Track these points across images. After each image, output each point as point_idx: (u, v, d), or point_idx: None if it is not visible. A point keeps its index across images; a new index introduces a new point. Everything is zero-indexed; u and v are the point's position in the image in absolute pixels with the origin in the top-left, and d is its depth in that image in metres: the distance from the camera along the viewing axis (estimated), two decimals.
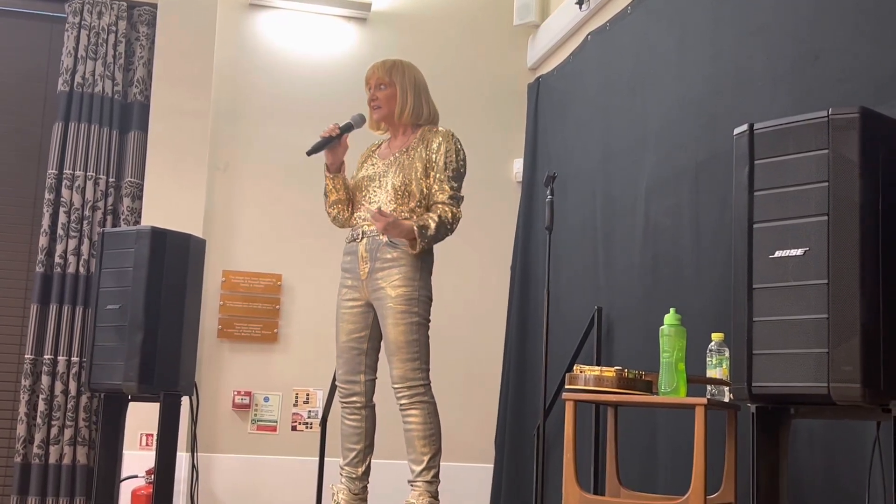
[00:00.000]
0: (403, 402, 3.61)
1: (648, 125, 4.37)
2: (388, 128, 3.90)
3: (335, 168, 3.83)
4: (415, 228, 3.57)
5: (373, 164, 3.84)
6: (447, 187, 3.70)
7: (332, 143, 3.78)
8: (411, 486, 3.60)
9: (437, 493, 3.61)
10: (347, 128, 3.81)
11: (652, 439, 3.99)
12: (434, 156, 3.71)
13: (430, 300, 3.70)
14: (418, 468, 3.59)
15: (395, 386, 3.62)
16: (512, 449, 5.39)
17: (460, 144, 3.78)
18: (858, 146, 2.32)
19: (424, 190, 3.70)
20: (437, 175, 3.71)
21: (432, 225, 3.61)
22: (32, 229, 5.35)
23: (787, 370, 2.36)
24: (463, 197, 3.76)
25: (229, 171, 5.61)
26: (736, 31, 3.77)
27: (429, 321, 3.69)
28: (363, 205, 3.77)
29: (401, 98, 3.79)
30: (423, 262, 3.68)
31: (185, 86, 5.46)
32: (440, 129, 3.82)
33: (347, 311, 3.77)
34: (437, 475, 3.61)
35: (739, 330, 2.47)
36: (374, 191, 3.75)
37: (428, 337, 3.68)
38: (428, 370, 3.65)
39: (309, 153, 3.77)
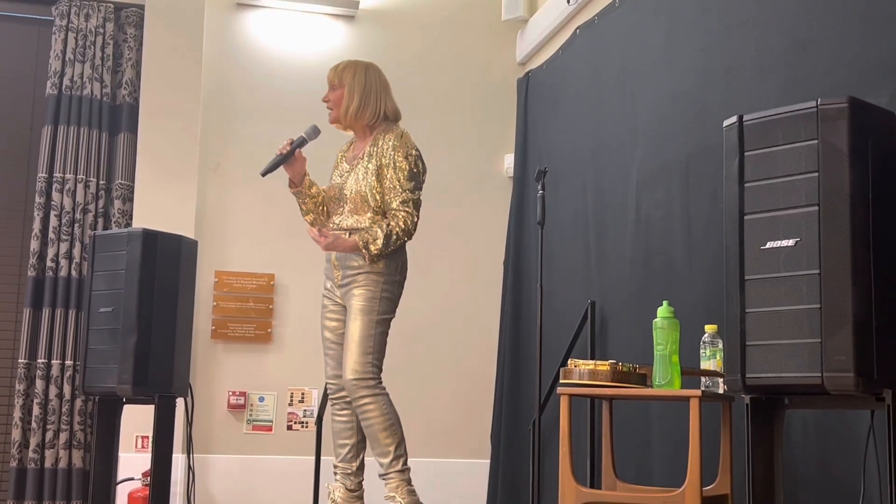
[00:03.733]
0: (357, 395, 3.63)
1: (638, 118, 4.37)
2: (351, 129, 3.92)
3: (298, 181, 3.85)
4: (360, 244, 3.64)
5: (339, 171, 3.90)
6: (399, 190, 3.71)
7: (286, 160, 3.79)
8: (384, 479, 3.62)
9: (410, 479, 3.65)
10: (301, 142, 3.82)
11: (647, 432, 4.00)
12: (384, 159, 3.73)
13: (394, 301, 3.75)
14: (387, 460, 3.62)
15: (348, 378, 3.64)
16: (508, 444, 5.39)
17: (411, 143, 3.78)
18: (848, 136, 2.32)
19: (378, 197, 3.72)
20: (390, 179, 3.72)
21: (378, 241, 3.64)
22: (23, 233, 5.34)
23: (780, 361, 2.37)
24: (419, 199, 3.77)
25: (220, 172, 5.60)
26: (723, 23, 3.78)
27: (389, 319, 3.74)
28: (336, 212, 3.82)
29: (346, 99, 3.82)
30: (388, 269, 3.73)
31: (174, 87, 5.45)
32: (394, 128, 3.82)
33: (329, 310, 3.84)
34: (406, 462, 3.65)
35: (732, 321, 2.48)
36: (342, 198, 3.81)
37: (386, 335, 3.72)
38: (380, 367, 3.69)
39: (263, 173, 3.79)
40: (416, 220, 3.73)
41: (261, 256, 5.58)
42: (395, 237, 3.67)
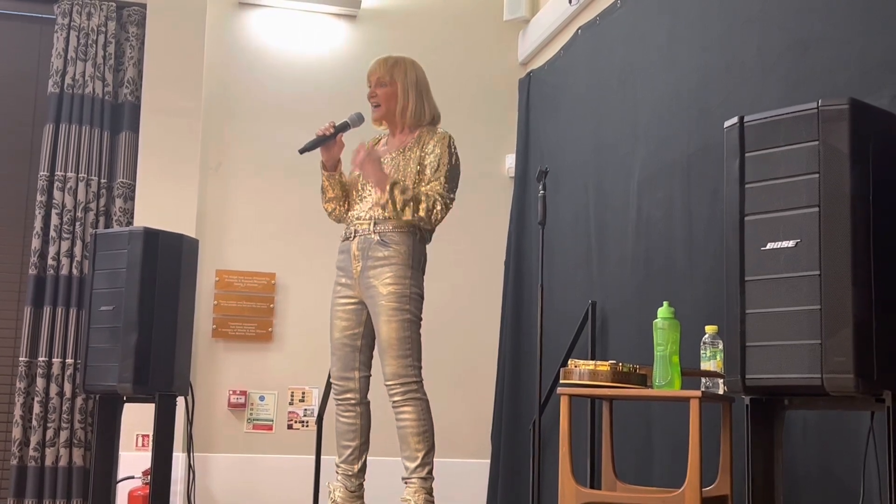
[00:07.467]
0: (396, 399, 3.62)
1: (639, 118, 4.37)
2: (388, 125, 3.89)
3: (331, 166, 3.82)
4: (389, 182, 3.58)
5: None
6: (434, 179, 3.68)
7: (326, 142, 3.76)
8: (406, 483, 3.61)
9: (431, 489, 3.62)
10: (343, 127, 3.79)
11: (647, 432, 4.00)
12: (428, 158, 3.70)
13: (422, 298, 3.70)
14: (413, 465, 3.60)
15: (388, 383, 3.63)
16: (508, 444, 5.39)
17: (454, 147, 3.76)
18: (848, 137, 2.32)
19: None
20: (430, 172, 3.69)
21: (409, 192, 3.59)
22: (25, 232, 5.34)
23: (780, 362, 2.37)
24: (453, 197, 3.73)
25: (221, 171, 5.60)
26: (725, 22, 3.78)
27: (421, 319, 3.69)
28: (357, 203, 3.77)
29: (402, 98, 3.77)
30: (414, 261, 3.68)
31: (175, 86, 5.45)
32: (439, 130, 3.80)
33: (341, 309, 3.77)
34: (431, 471, 3.62)
35: (732, 322, 2.48)
36: (369, 189, 3.74)
37: (420, 334, 3.68)
38: (420, 367, 3.65)
39: (301, 151, 3.75)
40: (441, 216, 3.66)
41: (262, 256, 5.58)
42: (423, 204, 3.60)
